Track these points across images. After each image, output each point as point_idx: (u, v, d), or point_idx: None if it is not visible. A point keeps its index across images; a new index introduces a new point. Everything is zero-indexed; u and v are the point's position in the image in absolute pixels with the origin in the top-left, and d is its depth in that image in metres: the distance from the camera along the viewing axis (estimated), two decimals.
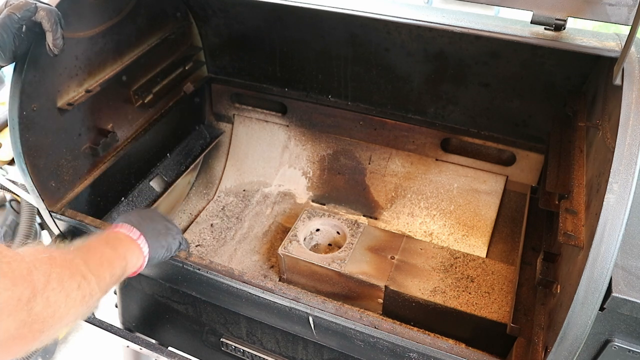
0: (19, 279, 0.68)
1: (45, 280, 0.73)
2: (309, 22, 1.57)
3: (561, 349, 0.87)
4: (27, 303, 0.69)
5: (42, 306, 0.72)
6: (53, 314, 0.74)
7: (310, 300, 1.10)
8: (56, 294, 0.75)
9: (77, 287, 0.81)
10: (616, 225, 0.78)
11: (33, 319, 0.70)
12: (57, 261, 0.80)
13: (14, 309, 0.67)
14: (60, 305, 0.76)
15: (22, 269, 0.70)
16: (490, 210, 1.62)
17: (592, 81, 1.28)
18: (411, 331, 1.05)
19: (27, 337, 0.71)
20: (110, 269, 0.94)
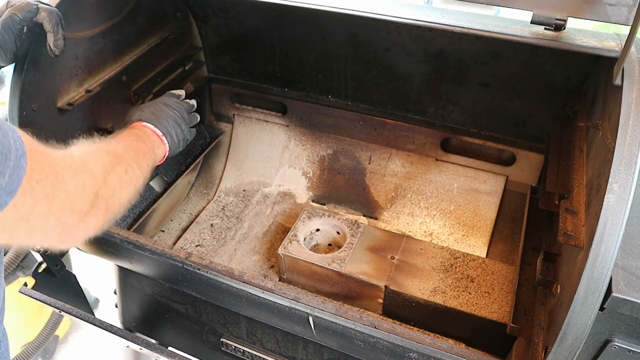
0: (78, 170, 0.80)
1: (100, 167, 0.86)
2: (309, 22, 1.57)
3: (561, 349, 0.87)
4: (92, 188, 0.81)
5: (104, 189, 0.85)
6: (113, 194, 0.87)
7: (310, 300, 1.10)
8: (111, 177, 0.88)
9: (125, 171, 0.94)
10: (616, 225, 0.78)
11: (99, 199, 0.83)
12: (104, 151, 0.93)
13: (82, 194, 0.79)
14: (116, 186, 0.89)
15: (77, 161, 0.81)
16: (490, 210, 1.62)
17: (592, 81, 1.28)
18: (411, 331, 1.05)
19: (98, 214, 0.83)
20: (145, 159, 1.07)
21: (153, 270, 1.32)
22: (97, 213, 0.83)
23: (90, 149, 0.91)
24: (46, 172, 0.70)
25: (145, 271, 1.35)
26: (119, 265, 1.55)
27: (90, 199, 0.80)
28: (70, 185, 0.75)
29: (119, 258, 1.38)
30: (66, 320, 2.61)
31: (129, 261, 1.33)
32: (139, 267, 1.34)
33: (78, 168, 0.80)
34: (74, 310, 1.44)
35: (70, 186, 0.75)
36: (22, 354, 2.38)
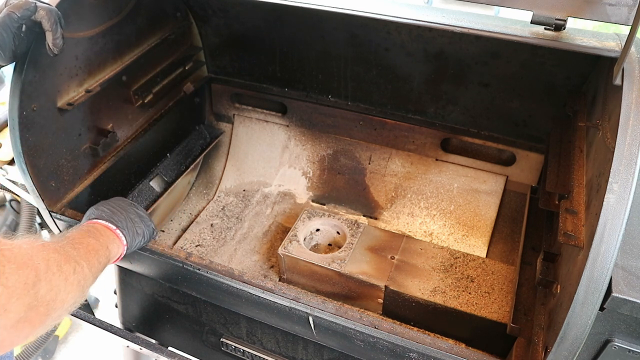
0: (22, 264, 0.72)
1: (45, 265, 0.78)
2: (309, 22, 1.57)
3: (561, 349, 0.87)
4: (33, 286, 0.73)
5: (46, 289, 0.76)
6: (55, 297, 0.79)
7: (310, 300, 1.10)
8: (57, 277, 0.80)
9: (73, 271, 0.86)
10: (616, 225, 0.78)
11: (39, 301, 0.75)
12: (51, 248, 0.85)
13: (21, 292, 0.71)
14: (60, 288, 0.81)
15: (23, 255, 0.74)
16: (490, 210, 1.62)
17: (592, 81, 1.28)
18: (411, 331, 1.05)
19: (35, 320, 0.75)
20: (97, 257, 1.00)
21: (153, 270, 1.32)
22: (33, 319, 0.74)
23: (37, 244, 0.82)
24: None
25: (145, 271, 1.35)
26: (119, 265, 1.55)
27: (27, 301, 0.72)
28: (10, 279, 0.68)
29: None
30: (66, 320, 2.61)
31: (129, 261, 1.33)
32: (139, 267, 1.34)
33: (23, 262, 0.72)
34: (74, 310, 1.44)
35: (11, 280, 0.68)
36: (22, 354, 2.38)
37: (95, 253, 1.00)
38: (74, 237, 1.00)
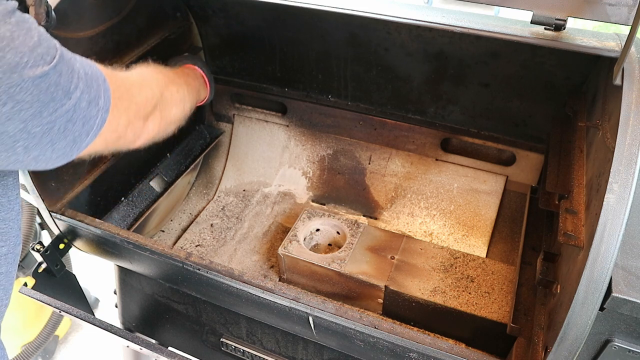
0: (141, 85, 0.96)
1: (156, 83, 1.03)
2: (309, 22, 1.57)
3: (561, 349, 0.87)
4: (152, 99, 0.98)
5: (160, 100, 1.02)
6: (165, 107, 1.04)
7: (310, 300, 1.10)
8: (165, 93, 1.06)
9: (176, 91, 1.12)
10: (616, 225, 0.78)
11: (157, 108, 1.00)
12: (160, 71, 1.12)
13: (146, 103, 0.96)
14: (168, 101, 1.06)
15: (139, 79, 0.99)
16: (490, 210, 1.62)
17: (592, 81, 1.28)
18: (411, 331, 1.05)
19: (155, 120, 0.99)
20: (191, 90, 1.24)
21: (153, 270, 1.32)
22: (155, 119, 0.99)
23: (147, 69, 1.07)
24: (121, 91, 0.85)
25: (145, 271, 1.35)
26: (119, 265, 1.55)
27: (151, 108, 0.97)
28: (138, 98, 0.92)
29: (119, 258, 1.38)
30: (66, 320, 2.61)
31: (129, 261, 1.33)
32: (139, 267, 1.34)
33: (141, 84, 0.97)
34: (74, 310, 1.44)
35: (139, 99, 0.92)
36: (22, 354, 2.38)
37: (191, 86, 1.26)
38: (177, 71, 1.28)
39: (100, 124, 0.78)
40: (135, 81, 0.96)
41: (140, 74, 1.02)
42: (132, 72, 1.01)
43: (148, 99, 0.97)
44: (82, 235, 1.36)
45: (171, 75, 1.17)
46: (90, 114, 0.74)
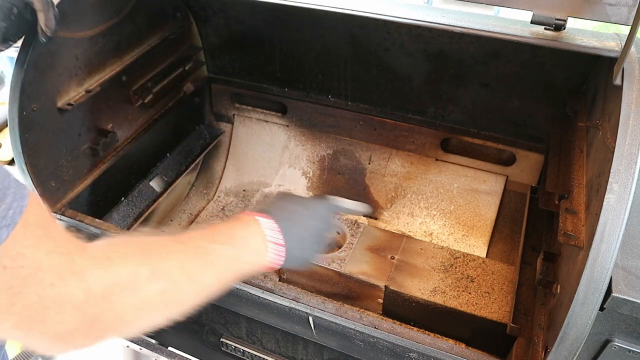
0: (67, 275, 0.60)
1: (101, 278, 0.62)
2: (309, 22, 1.57)
3: (561, 349, 0.86)
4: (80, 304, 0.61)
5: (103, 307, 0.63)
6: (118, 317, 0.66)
7: (310, 300, 1.10)
8: (122, 294, 0.64)
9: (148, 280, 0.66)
10: (616, 225, 0.78)
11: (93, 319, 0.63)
12: (135, 246, 0.69)
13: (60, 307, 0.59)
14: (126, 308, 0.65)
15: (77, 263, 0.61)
16: (490, 210, 1.62)
17: (592, 81, 1.28)
18: (411, 331, 1.05)
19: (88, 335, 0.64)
20: (214, 272, 0.76)
21: None
22: (88, 334, 0.62)
23: (107, 250, 0.65)
24: (21, 262, 0.54)
25: None
26: None
27: (76, 317, 0.59)
28: (48, 291, 0.56)
29: None
30: None
31: None
32: None
33: (76, 271, 0.59)
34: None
35: (48, 292, 0.56)
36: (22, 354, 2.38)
37: (208, 262, 0.75)
38: (196, 232, 0.79)
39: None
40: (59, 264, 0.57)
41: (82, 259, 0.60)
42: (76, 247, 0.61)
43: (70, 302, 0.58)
44: (81, 235, 1.36)
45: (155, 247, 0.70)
46: None
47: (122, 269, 0.64)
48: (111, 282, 0.62)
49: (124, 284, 0.63)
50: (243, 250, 0.81)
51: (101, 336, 0.64)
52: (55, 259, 0.57)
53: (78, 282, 0.59)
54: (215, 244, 0.78)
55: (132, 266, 0.65)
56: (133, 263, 0.66)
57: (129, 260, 0.66)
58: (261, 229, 0.84)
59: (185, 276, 0.71)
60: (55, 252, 0.58)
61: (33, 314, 0.56)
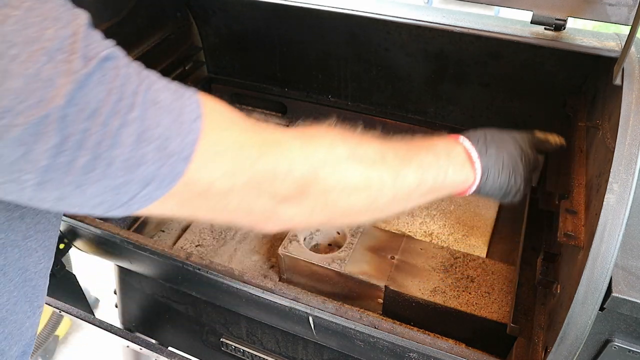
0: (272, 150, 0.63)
1: (312, 151, 0.67)
2: (309, 22, 1.57)
3: (561, 349, 0.87)
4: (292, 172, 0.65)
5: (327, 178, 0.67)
6: (337, 191, 0.68)
7: (310, 300, 1.10)
8: (340, 170, 0.68)
9: (358, 170, 0.70)
10: (616, 225, 0.78)
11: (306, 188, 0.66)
12: (339, 137, 0.72)
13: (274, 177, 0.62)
14: (340, 182, 0.68)
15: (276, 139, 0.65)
16: (490, 210, 1.62)
17: (592, 81, 1.28)
18: (411, 331, 1.05)
19: (303, 205, 0.67)
20: (419, 171, 0.77)
21: (153, 270, 1.32)
22: (300, 206, 0.65)
23: (315, 132, 0.69)
24: (226, 144, 0.58)
25: (145, 271, 1.35)
26: (119, 265, 1.55)
27: (286, 186, 0.63)
28: (257, 165, 0.60)
29: (119, 258, 1.38)
30: (66, 320, 2.61)
31: (129, 261, 1.33)
32: (139, 267, 1.34)
33: (272, 147, 0.62)
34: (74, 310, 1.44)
35: (257, 166, 0.60)
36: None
37: (417, 163, 0.77)
38: (399, 142, 0.81)
39: (166, 176, 0.53)
40: (261, 141, 0.61)
41: (284, 136, 0.65)
42: (271, 130, 0.65)
43: (279, 174, 0.62)
44: (82, 235, 1.36)
45: (364, 148, 0.74)
46: (144, 157, 0.51)
47: (321, 144, 0.67)
48: (311, 154, 0.65)
49: (323, 157, 0.66)
50: (447, 164, 0.81)
51: (312, 211, 0.67)
52: (250, 135, 0.61)
53: (280, 153, 0.62)
54: (418, 149, 0.79)
55: (330, 143, 0.68)
56: (330, 140, 0.69)
57: (326, 137, 0.69)
58: (466, 149, 0.85)
59: (386, 165, 0.72)
60: (248, 130, 0.61)
61: (249, 190, 0.60)
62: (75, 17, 0.49)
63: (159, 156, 0.51)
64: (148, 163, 0.51)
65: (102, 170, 0.49)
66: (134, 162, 0.50)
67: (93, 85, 0.47)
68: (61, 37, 0.46)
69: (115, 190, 0.51)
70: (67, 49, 0.46)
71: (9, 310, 0.69)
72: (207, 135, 0.55)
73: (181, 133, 0.53)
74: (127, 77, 0.50)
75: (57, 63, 0.45)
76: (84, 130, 0.47)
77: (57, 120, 0.45)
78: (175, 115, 0.53)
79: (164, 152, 0.52)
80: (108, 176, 0.50)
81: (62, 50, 0.46)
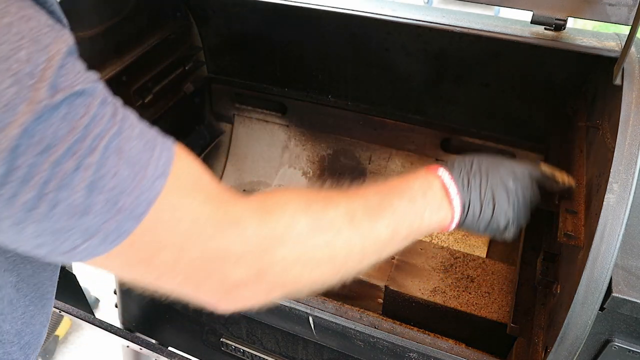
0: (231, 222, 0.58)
1: (257, 221, 0.59)
2: (309, 22, 1.57)
3: (561, 349, 0.87)
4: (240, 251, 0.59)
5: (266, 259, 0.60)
6: (284, 269, 0.62)
7: (310, 300, 1.10)
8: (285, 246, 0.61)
9: (324, 243, 0.63)
10: (616, 225, 0.78)
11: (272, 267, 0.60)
12: (303, 197, 0.65)
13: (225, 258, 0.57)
14: (291, 260, 0.62)
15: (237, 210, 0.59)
16: None
17: (592, 81, 1.28)
18: (411, 331, 1.05)
19: (257, 289, 0.61)
20: (392, 222, 0.70)
21: None
22: (258, 286, 0.59)
23: (276, 199, 0.62)
24: (182, 213, 0.53)
25: None
26: None
27: (241, 270, 0.57)
28: (209, 244, 0.54)
29: None
30: (66, 320, 2.61)
31: None
32: None
33: (231, 223, 0.56)
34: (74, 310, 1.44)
35: (210, 244, 0.54)
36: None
37: (389, 212, 0.70)
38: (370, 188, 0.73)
39: (111, 232, 0.48)
40: (220, 216, 0.55)
41: (245, 210, 0.58)
42: (237, 201, 0.59)
43: (234, 255, 0.56)
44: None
45: (329, 216, 0.64)
46: (91, 207, 0.47)
47: (280, 219, 0.59)
48: (270, 233, 0.58)
49: (282, 235, 0.59)
50: (423, 207, 0.74)
51: (270, 292, 0.61)
52: (210, 209, 0.55)
53: (236, 234, 0.56)
54: (391, 196, 0.72)
55: (291, 217, 0.60)
56: (291, 213, 0.61)
57: (287, 209, 0.61)
58: (444, 184, 0.77)
59: (354, 227, 0.65)
60: (209, 202, 0.55)
61: (198, 269, 0.55)
62: (57, 42, 0.46)
63: (107, 209, 0.47)
64: (94, 214, 0.47)
65: (44, 211, 0.45)
66: (79, 209, 0.46)
67: (55, 120, 0.43)
68: (34, 61, 0.43)
69: (55, 235, 0.47)
70: (37, 75, 0.43)
71: (25, 323, 0.68)
72: (166, 197, 0.51)
73: (138, 189, 0.48)
74: (97, 117, 0.46)
75: (23, 88, 0.42)
76: (32, 165, 0.43)
77: (8, 149, 0.42)
78: (138, 168, 0.49)
79: (113, 206, 0.47)
80: (49, 218, 0.46)
81: (32, 75, 0.43)
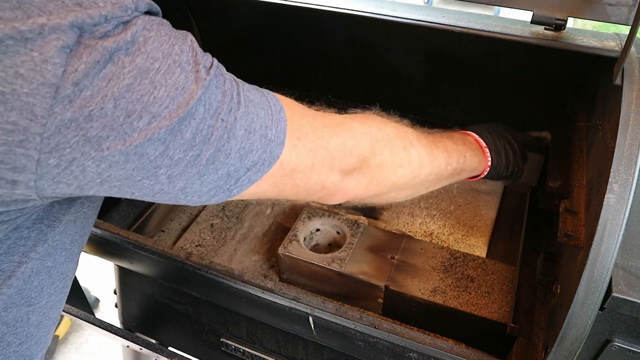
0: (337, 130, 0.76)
1: (366, 132, 0.79)
2: (309, 22, 1.57)
3: (561, 349, 0.87)
4: (354, 150, 0.78)
5: (370, 156, 0.79)
6: (380, 166, 0.81)
7: (310, 300, 1.10)
8: (380, 148, 0.80)
9: (402, 148, 0.82)
10: (616, 225, 0.78)
11: (363, 165, 0.78)
12: (383, 122, 0.84)
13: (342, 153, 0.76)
14: (385, 160, 0.81)
15: (337, 121, 0.78)
16: (490, 210, 1.62)
17: (592, 81, 1.28)
18: (411, 331, 1.05)
19: (360, 180, 0.80)
20: (445, 152, 0.91)
21: (153, 270, 1.32)
22: (360, 178, 0.78)
23: (364, 117, 0.82)
24: (304, 129, 0.70)
25: (145, 271, 1.35)
26: (119, 265, 1.55)
27: (351, 161, 0.76)
28: (330, 144, 0.73)
29: (119, 258, 1.38)
30: (66, 320, 2.61)
31: (129, 261, 1.33)
32: (139, 267, 1.34)
33: (338, 129, 0.75)
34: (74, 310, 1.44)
35: (331, 144, 0.73)
36: None
37: (443, 149, 0.91)
38: (427, 134, 0.92)
39: (267, 159, 0.64)
40: (329, 123, 0.75)
41: (345, 119, 0.78)
42: (333, 115, 0.79)
43: (347, 149, 0.75)
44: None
45: (402, 128, 0.86)
46: (253, 145, 0.62)
47: (373, 126, 0.80)
48: (369, 134, 0.78)
49: (377, 137, 0.79)
50: (464, 148, 0.99)
51: (368, 186, 0.79)
52: (321, 118, 0.74)
53: (347, 132, 0.75)
54: (450, 141, 0.96)
55: (380, 125, 0.82)
56: (380, 123, 0.82)
57: (376, 120, 0.82)
58: (476, 138, 1.07)
59: (422, 145, 0.86)
60: (317, 115, 0.75)
61: (325, 163, 0.72)
62: (186, 35, 0.62)
63: (262, 144, 0.62)
64: (255, 150, 0.62)
65: (222, 160, 0.59)
66: (245, 150, 0.61)
67: (213, 89, 0.58)
68: (185, 51, 0.58)
69: (227, 176, 0.61)
70: (192, 61, 0.57)
71: (44, 315, 0.71)
72: (291, 122, 0.67)
73: (274, 122, 0.65)
74: (230, 81, 0.64)
75: (188, 73, 0.56)
76: (209, 126, 0.57)
77: (190, 120, 0.55)
78: (266, 108, 0.65)
79: (265, 140, 0.63)
80: (226, 165, 0.60)
81: (189, 62, 0.57)
